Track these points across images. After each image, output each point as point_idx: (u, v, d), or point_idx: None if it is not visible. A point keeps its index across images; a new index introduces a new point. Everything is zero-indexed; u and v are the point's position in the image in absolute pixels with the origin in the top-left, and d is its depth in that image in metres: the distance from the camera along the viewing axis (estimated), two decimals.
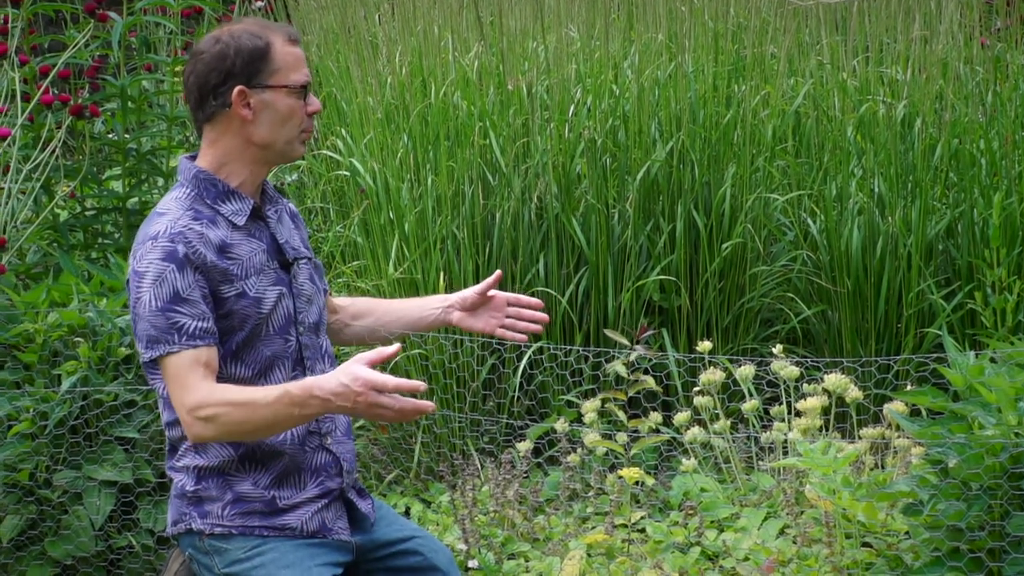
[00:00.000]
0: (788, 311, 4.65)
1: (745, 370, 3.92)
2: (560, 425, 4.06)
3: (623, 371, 4.13)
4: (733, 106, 4.67)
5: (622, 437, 3.98)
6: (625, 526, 3.72)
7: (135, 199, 5.04)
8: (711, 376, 3.91)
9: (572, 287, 4.52)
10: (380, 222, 4.70)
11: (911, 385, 4.18)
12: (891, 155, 4.59)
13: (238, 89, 2.52)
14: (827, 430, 3.82)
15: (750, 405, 3.90)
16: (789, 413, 3.86)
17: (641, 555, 3.53)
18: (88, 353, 3.80)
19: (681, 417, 3.96)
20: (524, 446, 4.10)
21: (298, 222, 2.74)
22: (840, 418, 4.01)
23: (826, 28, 5.23)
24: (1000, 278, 4.23)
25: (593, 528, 3.73)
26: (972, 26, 5.15)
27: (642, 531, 3.73)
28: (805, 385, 3.88)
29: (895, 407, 3.45)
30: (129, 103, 4.93)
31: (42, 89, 4.71)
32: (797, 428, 3.68)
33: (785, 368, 3.86)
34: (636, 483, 3.89)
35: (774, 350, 4.02)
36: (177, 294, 2.45)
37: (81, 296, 4.04)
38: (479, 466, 4.20)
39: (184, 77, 2.57)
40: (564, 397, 4.40)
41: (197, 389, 2.43)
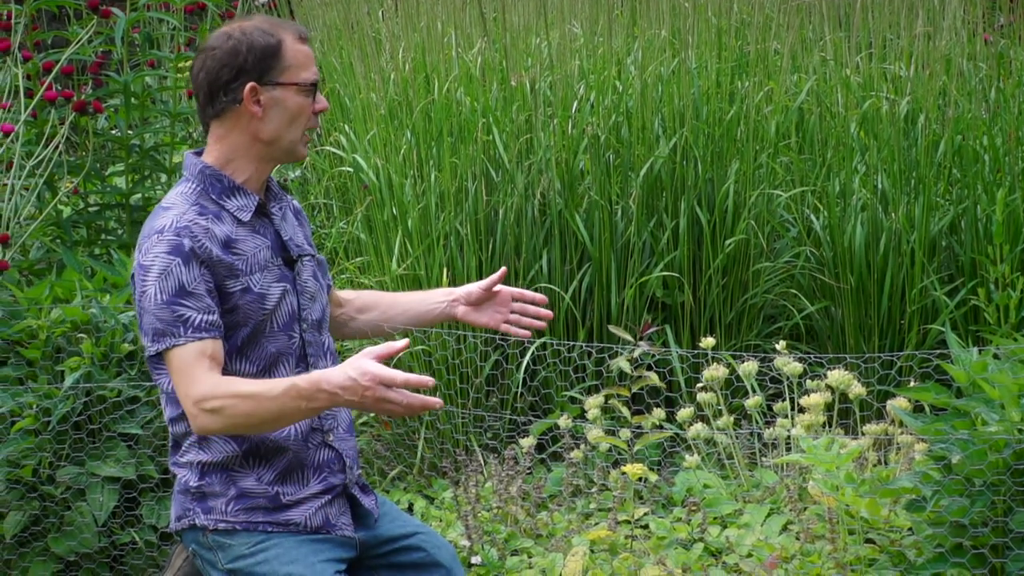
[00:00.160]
0: (791, 307, 4.65)
1: (748, 366, 3.92)
2: (563, 421, 4.06)
3: (627, 367, 4.13)
4: (736, 102, 4.67)
5: (625, 433, 3.97)
6: (628, 522, 3.72)
7: (138, 195, 5.04)
8: (714, 372, 3.90)
9: (575, 283, 4.52)
10: (383, 218, 4.70)
11: (914, 381, 4.18)
12: (894, 151, 4.58)
13: (250, 86, 2.52)
14: (830, 426, 3.82)
15: (753, 401, 3.90)
16: (792, 409, 3.86)
17: (644, 551, 3.53)
18: (91, 349, 3.80)
19: (684, 413, 3.96)
20: (527, 442, 4.10)
21: (302, 219, 2.74)
22: (843, 414, 4.01)
23: (829, 24, 5.22)
24: (1003, 274, 4.23)
25: (596, 524, 3.73)
26: (975, 22, 5.14)
27: (645, 527, 3.72)
28: (808, 381, 3.87)
29: (898, 403, 3.45)
30: (132, 99, 4.93)
31: (45, 85, 4.71)
32: (800, 424, 3.68)
33: (788, 364, 3.86)
34: (639, 479, 3.88)
35: (777, 346, 4.02)
36: (183, 287, 2.45)
37: (84, 292, 4.04)
38: (482, 462, 4.20)
39: (193, 72, 2.56)
40: (567, 393, 4.40)
41: (203, 381, 2.43)
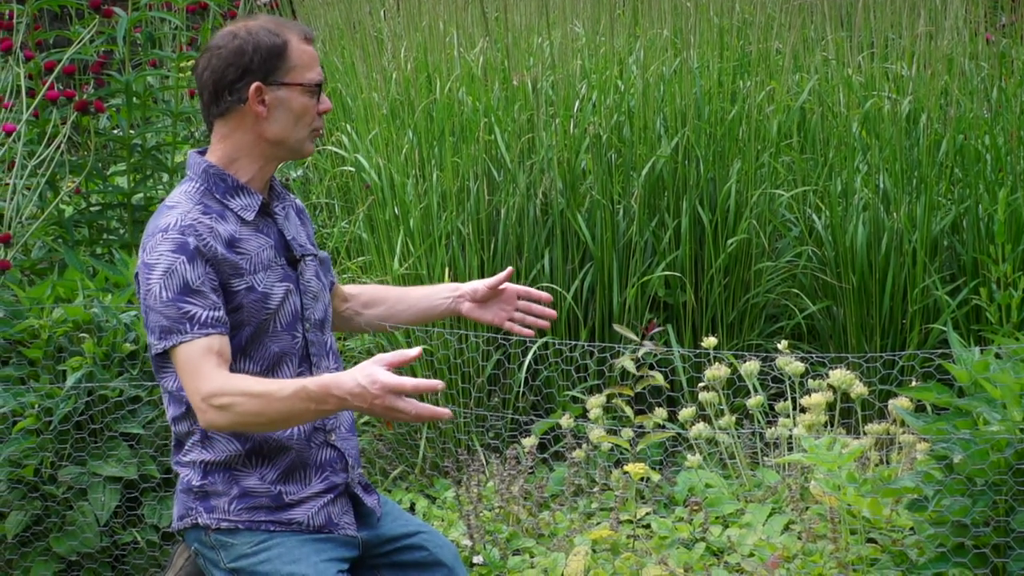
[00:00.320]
0: (793, 307, 4.65)
1: (750, 366, 3.92)
2: (565, 421, 4.06)
3: (631, 367, 4.13)
4: (738, 102, 4.67)
5: (627, 433, 3.98)
6: (630, 522, 3.72)
7: (140, 195, 5.04)
8: (716, 372, 3.90)
9: (577, 283, 4.52)
10: (385, 218, 4.70)
11: (916, 381, 4.18)
12: (896, 151, 4.58)
13: (255, 85, 2.52)
14: (832, 426, 3.82)
15: (755, 401, 3.90)
16: (794, 409, 3.86)
17: (646, 551, 3.53)
18: (93, 349, 3.80)
19: (686, 413, 3.96)
20: (529, 442, 4.10)
21: (304, 218, 2.74)
22: (845, 414, 4.01)
23: (831, 24, 5.22)
24: (1005, 274, 4.23)
25: (598, 524, 3.73)
26: (977, 22, 5.14)
27: (647, 527, 3.73)
28: (810, 381, 3.87)
29: (900, 403, 3.44)
30: (134, 99, 4.93)
31: (47, 85, 4.71)
32: (802, 424, 3.68)
33: (790, 364, 3.85)
34: (641, 479, 3.88)
35: (779, 346, 4.02)
36: (187, 285, 2.45)
37: (86, 292, 4.04)
38: (484, 462, 4.20)
39: (197, 72, 2.56)
40: (569, 393, 4.40)
41: (212, 377, 2.43)
